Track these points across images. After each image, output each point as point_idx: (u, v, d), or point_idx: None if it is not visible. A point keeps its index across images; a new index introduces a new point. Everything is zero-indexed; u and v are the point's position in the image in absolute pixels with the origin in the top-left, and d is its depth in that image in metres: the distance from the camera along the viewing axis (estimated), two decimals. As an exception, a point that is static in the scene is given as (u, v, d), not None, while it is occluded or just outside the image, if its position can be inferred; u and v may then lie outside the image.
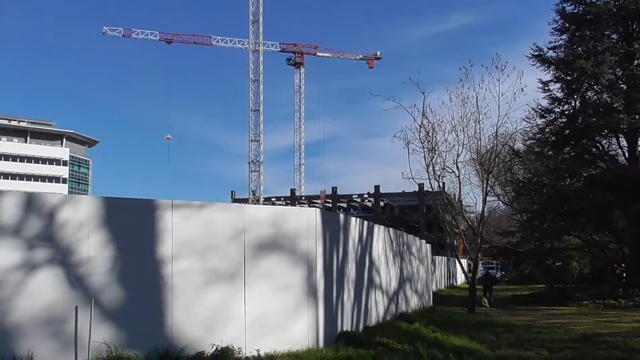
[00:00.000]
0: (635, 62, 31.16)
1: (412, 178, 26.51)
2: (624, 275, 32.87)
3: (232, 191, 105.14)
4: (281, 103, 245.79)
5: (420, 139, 25.47)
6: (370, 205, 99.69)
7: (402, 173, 26.44)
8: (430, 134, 25.46)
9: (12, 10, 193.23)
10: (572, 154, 32.85)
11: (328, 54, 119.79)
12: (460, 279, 57.84)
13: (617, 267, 34.58)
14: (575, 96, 32.58)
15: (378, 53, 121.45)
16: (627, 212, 30.43)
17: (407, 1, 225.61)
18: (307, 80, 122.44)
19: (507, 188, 37.47)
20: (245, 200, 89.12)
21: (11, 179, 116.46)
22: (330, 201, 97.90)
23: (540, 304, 29.50)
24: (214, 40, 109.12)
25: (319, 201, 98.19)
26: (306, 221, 12.40)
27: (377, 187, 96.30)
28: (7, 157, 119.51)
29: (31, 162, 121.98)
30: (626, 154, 32.05)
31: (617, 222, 31.93)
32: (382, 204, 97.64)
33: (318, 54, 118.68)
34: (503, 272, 61.51)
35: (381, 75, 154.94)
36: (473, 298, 26.35)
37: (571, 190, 31.86)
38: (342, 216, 15.71)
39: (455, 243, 34.71)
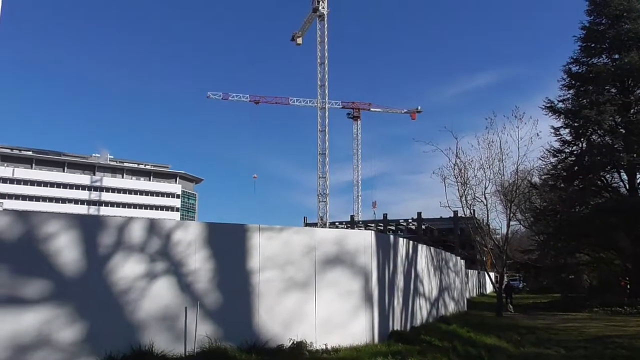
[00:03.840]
0: (632, 110, 30.25)
1: (448, 206, 26.18)
2: (628, 286, 31.11)
3: (304, 217, 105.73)
4: (342, 147, 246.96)
5: (454, 175, 25.22)
6: (414, 228, 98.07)
7: (440, 202, 26.13)
8: (462, 171, 25.16)
9: (136, 81, 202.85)
10: (580, 186, 31.76)
11: (379, 109, 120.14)
12: (489, 288, 55.94)
13: (622, 279, 32.77)
14: (582, 139, 31.76)
15: (419, 107, 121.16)
16: (629, 234, 29.26)
17: (442, 65, 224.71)
18: (363, 129, 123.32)
19: (526, 214, 36.22)
20: (314, 224, 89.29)
21: (138, 209, 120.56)
22: (382, 225, 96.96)
23: (557, 310, 28.19)
24: (290, 100, 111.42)
25: (372, 224, 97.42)
26: (363, 241, 12.27)
27: (419, 214, 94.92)
28: (135, 192, 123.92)
29: (153, 196, 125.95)
30: (626, 186, 30.83)
31: (621, 242, 30.49)
32: (423, 227, 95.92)
33: (371, 109, 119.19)
34: (525, 283, 59.21)
35: (422, 125, 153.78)
36: (500, 304, 25.48)
37: (580, 216, 30.59)
38: (391, 237, 15.48)
39: (484, 259, 33.61)
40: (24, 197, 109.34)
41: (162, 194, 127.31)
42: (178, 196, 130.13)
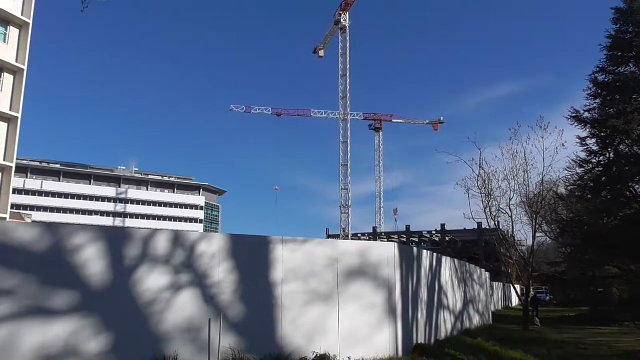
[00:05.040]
0: (661, 119, 29.43)
1: (472, 218, 25.96)
2: (661, 300, 30.29)
3: (326, 229, 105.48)
4: (365, 159, 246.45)
5: (478, 186, 24.98)
6: (438, 240, 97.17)
7: (464, 214, 26.18)
8: (486, 182, 24.91)
9: (165, 96, 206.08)
10: (608, 197, 31.01)
11: (401, 120, 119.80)
12: (515, 301, 54.99)
13: (654, 293, 31.91)
14: (609, 149, 31.06)
15: (441, 118, 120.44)
16: (660, 246, 28.30)
17: (463, 76, 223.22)
18: (385, 141, 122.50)
19: (553, 226, 35.51)
20: (337, 236, 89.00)
21: (162, 220, 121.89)
22: (405, 237, 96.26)
23: (586, 324, 27.54)
24: (312, 112, 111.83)
25: (395, 236, 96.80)
26: (386, 253, 12.20)
27: (443, 225, 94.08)
28: (160, 204, 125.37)
29: (177, 208, 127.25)
30: (657, 197, 29.97)
31: (652, 255, 29.63)
32: (447, 239, 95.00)
33: (393, 120, 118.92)
34: (552, 296, 58.11)
35: (444, 136, 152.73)
36: (526, 317, 24.99)
37: (609, 228, 29.88)
38: (415, 249, 15.37)
39: (509, 271, 33.04)
40: (52, 209, 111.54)
41: (186, 206, 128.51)
42: (202, 208, 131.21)
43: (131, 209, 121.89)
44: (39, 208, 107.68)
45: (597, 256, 30.59)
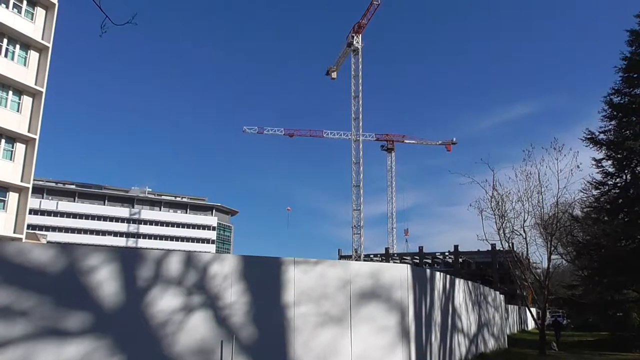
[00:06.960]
0: (679, 141, 29.14)
1: (486, 239, 25.76)
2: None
3: (338, 249, 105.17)
4: (377, 179, 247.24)
5: (491, 207, 24.91)
6: (451, 261, 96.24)
7: (477, 235, 25.75)
8: (500, 204, 24.82)
9: (184, 122, 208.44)
10: (626, 219, 30.62)
11: (413, 141, 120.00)
12: (531, 324, 54.10)
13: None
14: (626, 171, 30.79)
15: (454, 139, 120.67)
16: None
17: (477, 96, 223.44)
18: (397, 161, 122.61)
19: (568, 248, 35.08)
20: (349, 257, 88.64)
21: (175, 241, 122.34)
22: (417, 258, 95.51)
23: (605, 349, 26.97)
24: (324, 133, 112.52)
25: (408, 257, 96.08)
26: (399, 275, 12.14)
27: (456, 247, 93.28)
28: (173, 224, 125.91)
29: (189, 228, 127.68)
30: (677, 219, 29.47)
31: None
32: (460, 260, 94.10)
33: (405, 141, 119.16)
34: (569, 320, 57.12)
35: (457, 156, 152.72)
36: (543, 341, 24.57)
37: (627, 251, 29.43)
38: (428, 271, 15.26)
39: (524, 294, 32.59)
40: (67, 230, 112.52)
41: (199, 227, 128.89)
42: (214, 228, 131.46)
43: (144, 229, 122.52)
44: (54, 228, 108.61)
45: (615, 279, 30.08)
